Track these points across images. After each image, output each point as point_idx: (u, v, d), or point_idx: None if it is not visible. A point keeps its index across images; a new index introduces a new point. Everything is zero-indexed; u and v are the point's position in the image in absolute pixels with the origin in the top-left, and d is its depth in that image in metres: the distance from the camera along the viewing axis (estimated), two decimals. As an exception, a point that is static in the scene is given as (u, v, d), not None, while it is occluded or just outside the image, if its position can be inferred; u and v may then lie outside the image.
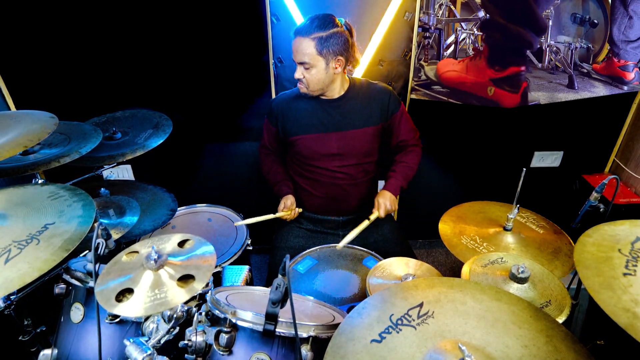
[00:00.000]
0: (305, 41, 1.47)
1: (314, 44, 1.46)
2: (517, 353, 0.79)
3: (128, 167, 2.15)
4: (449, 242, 1.32)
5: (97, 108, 1.71)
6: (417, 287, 0.94)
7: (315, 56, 1.48)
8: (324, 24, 1.46)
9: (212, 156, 2.13)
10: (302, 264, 1.57)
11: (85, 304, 1.20)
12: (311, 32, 1.46)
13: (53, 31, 1.76)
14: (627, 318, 0.75)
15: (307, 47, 1.47)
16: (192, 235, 1.06)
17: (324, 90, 1.59)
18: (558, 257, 1.27)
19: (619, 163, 2.31)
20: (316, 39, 1.46)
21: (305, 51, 1.47)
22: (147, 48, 1.85)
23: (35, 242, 0.89)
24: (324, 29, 1.46)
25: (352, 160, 1.68)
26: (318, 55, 1.48)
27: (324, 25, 1.46)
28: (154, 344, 0.94)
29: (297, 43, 1.49)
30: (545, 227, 1.39)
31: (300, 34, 1.48)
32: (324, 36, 1.46)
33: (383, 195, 1.64)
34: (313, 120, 1.64)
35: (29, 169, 1.21)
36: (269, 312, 0.92)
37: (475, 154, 2.32)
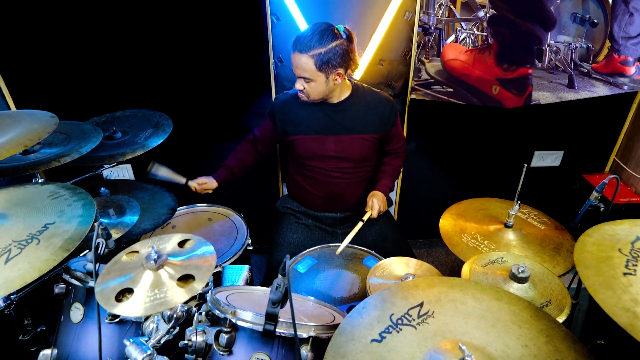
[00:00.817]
0: (303, 57, 1.45)
1: (312, 61, 1.44)
2: (517, 353, 0.79)
3: (128, 167, 2.16)
4: (450, 241, 1.31)
5: (97, 108, 1.71)
6: (417, 287, 0.94)
7: (314, 72, 1.46)
8: (322, 39, 1.43)
9: (212, 156, 2.12)
10: (302, 263, 1.58)
11: (85, 303, 1.20)
12: (310, 48, 1.43)
13: (53, 31, 1.76)
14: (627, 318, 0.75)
15: (306, 64, 1.45)
16: (192, 235, 1.06)
17: (325, 99, 1.60)
18: (560, 252, 1.26)
19: (619, 162, 2.31)
20: (315, 55, 1.43)
21: (305, 67, 1.46)
22: (147, 48, 1.85)
23: (36, 242, 0.89)
24: (323, 45, 1.43)
25: (349, 164, 1.69)
26: (317, 71, 1.46)
27: (322, 40, 1.43)
28: (153, 343, 0.94)
29: (296, 59, 1.47)
30: (546, 223, 1.39)
31: (298, 50, 1.45)
32: (322, 52, 1.43)
33: (375, 195, 1.67)
34: (312, 122, 1.64)
35: (29, 168, 1.21)
36: (269, 312, 0.92)
37: (476, 154, 2.32)
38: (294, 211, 1.84)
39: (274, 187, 2.33)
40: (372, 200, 1.65)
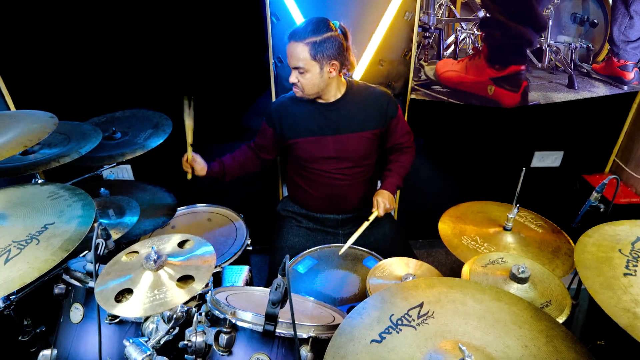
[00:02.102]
0: (299, 46, 1.46)
1: (307, 48, 1.46)
2: (517, 353, 0.79)
3: (128, 167, 2.15)
4: (450, 244, 1.32)
5: (97, 108, 1.71)
6: (417, 287, 0.94)
7: (309, 61, 1.47)
8: (317, 29, 1.45)
9: (212, 156, 2.12)
10: (302, 264, 1.57)
11: (85, 304, 1.20)
12: (305, 36, 1.45)
13: (53, 31, 1.76)
14: (627, 318, 0.75)
15: (301, 52, 1.46)
16: (192, 235, 1.06)
17: (320, 94, 1.59)
18: (558, 255, 1.27)
19: (619, 163, 2.31)
20: (310, 43, 1.45)
21: (299, 56, 1.47)
22: (147, 48, 1.85)
23: (35, 242, 0.89)
24: (318, 34, 1.45)
25: (350, 163, 1.68)
26: (312, 60, 1.47)
27: (317, 29, 1.45)
28: (153, 344, 0.94)
29: (292, 48, 1.48)
30: (543, 227, 1.39)
31: (294, 39, 1.47)
32: (317, 41, 1.45)
33: (381, 194, 1.65)
34: (310, 123, 1.64)
35: (28, 168, 1.21)
36: (268, 312, 0.92)
37: (476, 154, 2.32)
38: (295, 214, 1.84)
39: (274, 188, 2.33)
40: (377, 199, 1.62)
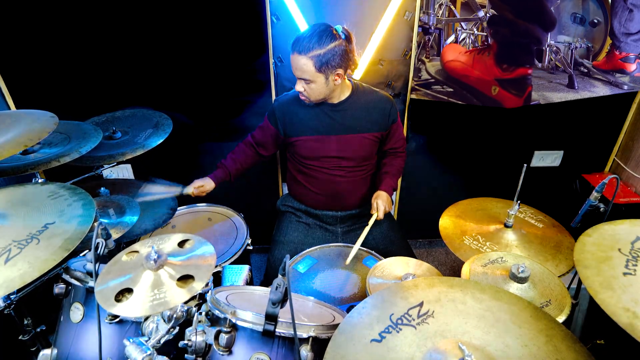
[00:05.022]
0: (303, 59, 1.45)
1: (312, 62, 1.44)
2: (517, 353, 0.79)
3: (128, 167, 2.15)
4: (452, 244, 1.31)
5: (97, 107, 1.71)
6: (417, 287, 0.94)
7: (314, 73, 1.47)
8: (321, 40, 1.43)
9: (212, 155, 2.13)
10: (302, 263, 1.57)
11: (85, 303, 1.20)
12: (309, 49, 1.43)
13: (53, 31, 1.76)
14: (627, 318, 0.75)
15: (305, 65, 1.45)
16: (192, 235, 1.06)
17: (326, 99, 1.60)
18: (561, 250, 1.27)
19: (619, 162, 2.31)
20: (314, 57, 1.43)
21: (304, 69, 1.46)
22: (147, 47, 1.85)
23: (36, 242, 0.89)
24: (322, 46, 1.43)
25: (351, 163, 1.70)
26: (317, 72, 1.46)
27: (321, 41, 1.43)
28: (153, 344, 0.94)
29: (296, 60, 1.47)
30: (543, 221, 1.40)
31: (297, 51, 1.45)
32: (322, 53, 1.43)
33: (379, 196, 1.66)
34: (314, 122, 1.64)
35: (29, 168, 1.21)
36: (268, 312, 0.92)
37: (476, 154, 2.32)
38: (294, 209, 1.84)
39: (274, 187, 2.33)
40: (376, 202, 1.64)
